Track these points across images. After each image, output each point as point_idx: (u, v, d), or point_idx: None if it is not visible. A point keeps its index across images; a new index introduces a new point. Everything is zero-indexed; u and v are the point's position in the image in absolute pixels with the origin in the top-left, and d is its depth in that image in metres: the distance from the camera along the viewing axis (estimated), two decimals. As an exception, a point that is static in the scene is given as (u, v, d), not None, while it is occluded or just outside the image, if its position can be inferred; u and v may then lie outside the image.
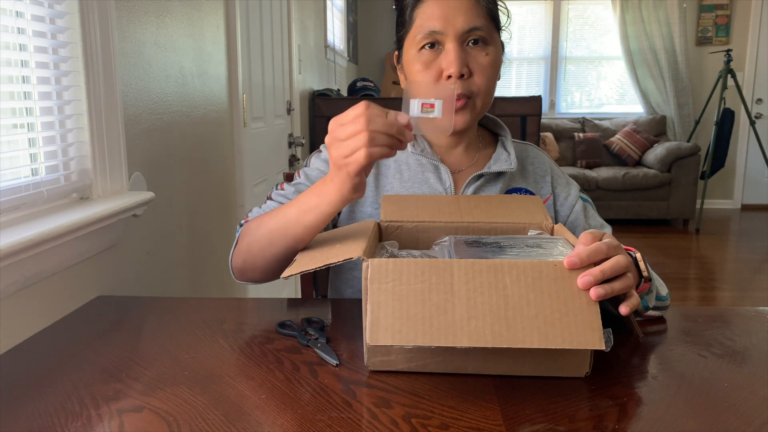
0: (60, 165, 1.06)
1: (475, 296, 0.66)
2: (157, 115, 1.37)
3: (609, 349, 0.68)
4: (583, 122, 5.86)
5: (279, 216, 0.88)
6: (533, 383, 0.69)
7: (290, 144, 2.82)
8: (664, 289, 0.92)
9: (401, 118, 0.74)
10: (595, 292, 0.65)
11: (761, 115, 5.84)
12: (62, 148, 1.06)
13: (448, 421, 0.61)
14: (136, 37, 1.26)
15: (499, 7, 1.01)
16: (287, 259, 0.89)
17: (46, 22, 1.01)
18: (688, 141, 5.49)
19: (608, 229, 1.06)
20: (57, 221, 0.92)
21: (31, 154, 1.00)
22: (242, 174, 1.99)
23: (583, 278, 0.66)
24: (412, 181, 1.07)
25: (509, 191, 1.07)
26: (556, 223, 0.90)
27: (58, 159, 1.05)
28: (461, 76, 0.95)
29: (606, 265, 0.67)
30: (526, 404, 0.65)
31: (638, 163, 5.56)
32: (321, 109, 3.24)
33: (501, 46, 1.03)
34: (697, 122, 5.39)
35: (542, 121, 5.62)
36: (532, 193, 1.08)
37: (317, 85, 3.46)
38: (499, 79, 1.03)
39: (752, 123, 5.01)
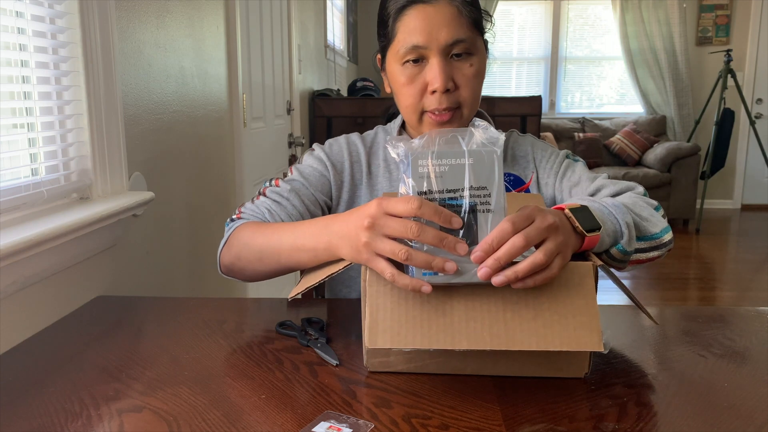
0: (60, 165, 1.06)
1: (473, 297, 0.66)
2: (157, 115, 1.37)
3: (608, 351, 0.68)
4: (583, 122, 5.86)
5: (273, 238, 0.87)
6: (533, 383, 0.69)
7: (290, 144, 2.82)
8: (655, 227, 0.86)
9: (460, 248, 0.64)
10: (496, 280, 0.63)
11: (761, 115, 5.83)
12: (62, 148, 1.06)
13: (448, 421, 0.61)
14: (136, 37, 1.26)
15: (482, 14, 1.00)
16: (276, 275, 0.94)
17: (46, 22, 1.01)
18: (688, 141, 5.49)
19: (603, 176, 1.04)
20: (57, 221, 0.92)
21: (31, 154, 1.00)
22: (242, 174, 1.99)
23: (481, 270, 0.63)
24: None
25: None
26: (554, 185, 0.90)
27: (58, 159, 1.05)
28: (446, 90, 0.95)
29: (500, 252, 0.63)
30: (526, 404, 0.65)
31: (638, 163, 5.55)
32: (321, 109, 3.24)
33: (485, 48, 1.03)
34: (697, 122, 5.38)
35: (542, 121, 5.62)
36: (518, 178, 1.09)
37: (317, 85, 3.46)
38: (483, 78, 1.02)
39: (752, 123, 5.01)
